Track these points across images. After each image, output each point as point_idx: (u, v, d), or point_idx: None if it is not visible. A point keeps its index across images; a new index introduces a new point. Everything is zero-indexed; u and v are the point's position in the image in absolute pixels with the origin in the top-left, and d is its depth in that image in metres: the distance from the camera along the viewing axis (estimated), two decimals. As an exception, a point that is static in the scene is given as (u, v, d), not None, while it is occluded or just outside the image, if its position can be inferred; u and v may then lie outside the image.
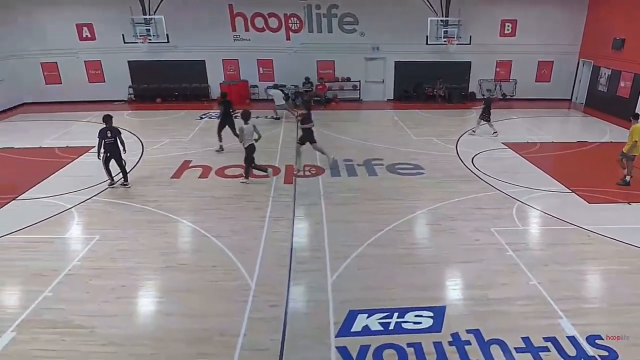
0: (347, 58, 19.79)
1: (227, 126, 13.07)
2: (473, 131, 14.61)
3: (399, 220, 8.49)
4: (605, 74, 18.33)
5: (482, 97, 18.16)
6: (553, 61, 20.18)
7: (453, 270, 7.01)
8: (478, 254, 7.37)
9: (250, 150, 10.18)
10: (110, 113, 10.37)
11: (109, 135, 9.87)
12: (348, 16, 19.27)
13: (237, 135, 12.07)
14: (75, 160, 11.98)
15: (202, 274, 6.84)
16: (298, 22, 19.27)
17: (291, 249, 7.54)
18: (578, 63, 20.13)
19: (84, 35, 19.01)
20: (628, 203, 9.29)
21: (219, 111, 13.43)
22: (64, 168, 11.44)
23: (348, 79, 20.18)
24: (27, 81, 19.34)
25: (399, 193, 9.84)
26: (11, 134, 14.55)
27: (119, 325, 5.78)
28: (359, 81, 20.17)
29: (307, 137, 11.16)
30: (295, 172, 10.97)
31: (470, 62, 20.01)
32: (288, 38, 19.49)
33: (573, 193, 9.85)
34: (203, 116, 17.30)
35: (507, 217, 8.67)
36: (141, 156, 12.33)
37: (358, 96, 20.29)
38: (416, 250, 7.50)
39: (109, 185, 10.11)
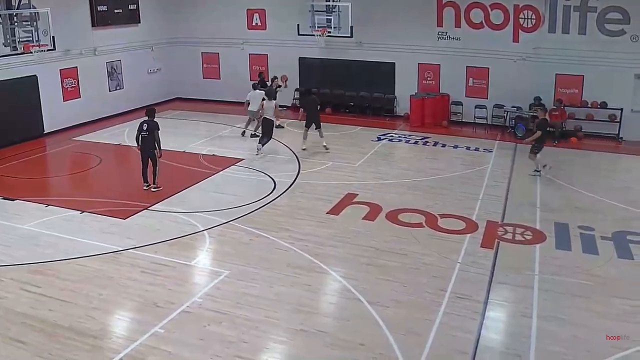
0: (606, 74, 18.33)
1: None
2: None
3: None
4: None
5: None
6: None
7: None
8: None
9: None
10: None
11: (144, 128, 12.09)
12: (614, 11, 17.95)
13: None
14: (219, 173, 13.64)
15: (344, 352, 6.94)
16: (534, 16, 18.74)
17: (476, 345, 7.19)
18: None
19: (254, 23, 21.82)
20: None
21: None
22: (206, 180, 13.12)
23: (602, 105, 18.64)
24: (185, 73, 23.00)
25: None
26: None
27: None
28: (621, 110, 18.43)
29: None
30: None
31: None
32: (516, 39, 19.10)
33: None
34: (382, 137, 18.00)
35: None
36: (296, 178, 13.36)
37: (616, 132, 18.53)
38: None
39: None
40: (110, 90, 20.59)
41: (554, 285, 8.78)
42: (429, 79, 20.44)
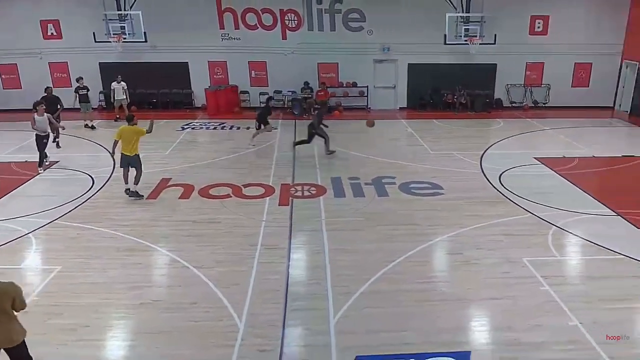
0: (353, 60, 20.02)
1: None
2: None
3: (414, 250, 8.43)
4: (653, 77, 18.46)
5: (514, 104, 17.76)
6: (592, 63, 20.39)
7: (478, 308, 6.92)
8: (508, 289, 7.28)
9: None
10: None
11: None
12: (354, 12, 19.57)
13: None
14: (35, 178, 12.00)
15: (180, 313, 6.75)
16: (296, 18, 19.57)
17: (287, 283, 7.47)
18: (621, 65, 20.30)
19: (49, 33, 19.31)
20: (684, 229, 9.23)
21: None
22: (23, 185, 11.45)
23: (354, 85, 20.37)
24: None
25: (414, 217, 9.81)
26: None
27: (81, 374, 5.68)
28: (367, 87, 20.36)
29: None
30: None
31: (495, 64, 20.21)
32: (284, 37, 19.77)
33: (619, 217, 9.80)
34: (185, 127, 17.44)
35: (541, 246, 8.60)
36: (112, 172, 12.35)
37: (365, 104, 20.45)
38: (434, 285, 7.42)
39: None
40: None
41: (337, 225, 9.46)
42: (218, 73, 20.23)
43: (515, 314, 6.70)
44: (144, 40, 18.69)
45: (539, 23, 19.81)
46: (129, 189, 10.57)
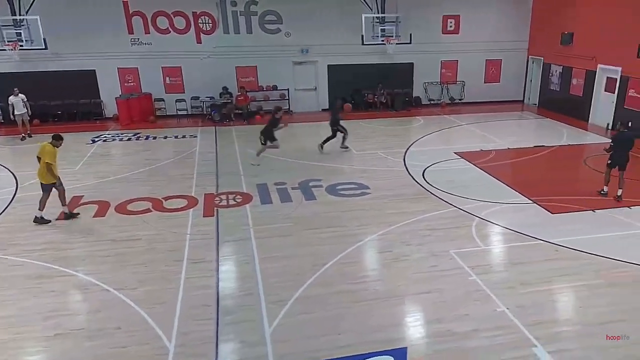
0: (272, 63, 20.08)
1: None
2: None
3: (345, 251, 8.60)
4: (556, 71, 20.12)
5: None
6: (501, 60, 21.84)
7: (411, 304, 7.19)
8: (437, 282, 7.62)
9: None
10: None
11: None
12: (270, 14, 19.63)
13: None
14: None
15: (104, 340, 6.43)
16: (210, 21, 19.31)
17: (217, 297, 7.36)
18: (527, 61, 21.93)
19: None
20: (593, 211, 10.12)
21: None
22: None
23: (274, 88, 20.42)
24: None
25: (343, 218, 10.01)
26: None
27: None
28: (288, 90, 20.48)
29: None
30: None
31: (412, 63, 21.09)
32: (199, 41, 19.43)
33: (535, 204, 10.57)
34: (96, 139, 16.63)
35: (466, 237, 9.09)
36: (15, 194, 11.53)
37: (287, 107, 20.56)
38: (367, 285, 7.61)
39: None
40: None
41: (265, 232, 9.44)
42: (130, 81, 19.50)
43: (445, 305, 7.03)
44: (44, 47, 17.63)
45: (451, 22, 20.92)
46: (42, 216, 9.96)
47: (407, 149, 15.06)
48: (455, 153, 14.32)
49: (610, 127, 17.07)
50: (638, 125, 15.22)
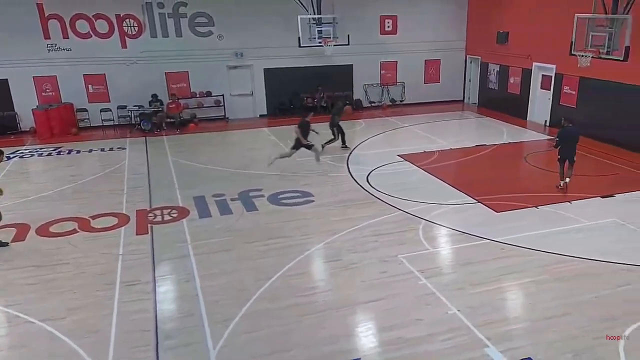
0: (205, 68, 19.83)
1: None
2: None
3: (290, 263, 8.58)
4: (494, 70, 21.08)
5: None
6: (440, 60, 22.62)
7: (362, 313, 7.26)
8: (387, 288, 7.75)
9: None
10: None
11: None
12: (201, 16, 19.39)
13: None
14: None
15: (27, 377, 6.09)
16: (136, 24, 18.82)
17: (155, 320, 7.15)
18: (466, 60, 22.84)
19: None
20: (536, 207, 10.65)
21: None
22: None
23: (208, 94, 20.16)
24: None
25: (287, 229, 9.99)
26: None
27: None
28: (223, 95, 20.28)
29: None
30: None
31: (351, 65, 21.45)
32: (124, 46, 18.89)
33: (479, 203, 10.99)
34: (11, 155, 15.73)
35: (414, 241, 9.31)
36: None
37: (223, 114, 20.35)
38: (315, 297, 7.62)
39: None
40: None
41: (205, 248, 9.27)
42: (48, 90, 18.65)
43: (397, 311, 7.16)
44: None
45: (388, 23, 21.47)
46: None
47: (350, 153, 15.27)
48: (398, 155, 14.66)
49: (548, 124, 18.06)
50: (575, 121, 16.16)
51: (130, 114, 19.31)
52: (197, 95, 20.03)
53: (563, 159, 11.49)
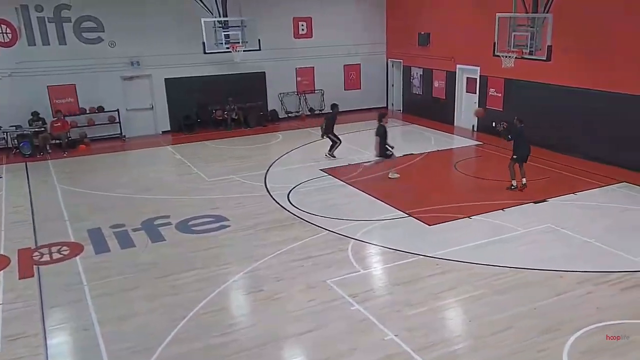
0: (95, 79, 19.19)
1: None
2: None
3: (207, 298, 8.42)
4: (417, 74, 21.96)
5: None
6: (360, 64, 23.27)
7: (291, 347, 7.24)
8: (317, 317, 7.77)
9: None
10: None
11: None
12: (88, 20, 18.78)
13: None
14: None
15: None
16: (9, 31, 17.89)
17: (47, 378, 6.72)
18: (387, 64, 23.64)
19: None
20: (469, 217, 11.14)
21: None
22: None
23: (100, 110, 19.47)
24: None
25: (201, 259, 9.82)
26: None
27: None
28: (117, 110, 19.66)
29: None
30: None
31: (264, 72, 21.57)
32: (-6, 56, 17.91)
33: (410, 217, 11.33)
34: None
35: (343, 262, 9.42)
36: None
37: (119, 132, 19.72)
38: (237, 334, 7.51)
39: None
40: None
41: (105, 288, 8.91)
42: None
43: (329, 342, 7.18)
44: None
45: (302, 25, 21.85)
46: None
47: (267, 170, 15.27)
48: (321, 170, 14.85)
49: (475, 129, 19.01)
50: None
51: (6, 135, 18.22)
52: (87, 112, 19.29)
53: (519, 159, 12.49)
